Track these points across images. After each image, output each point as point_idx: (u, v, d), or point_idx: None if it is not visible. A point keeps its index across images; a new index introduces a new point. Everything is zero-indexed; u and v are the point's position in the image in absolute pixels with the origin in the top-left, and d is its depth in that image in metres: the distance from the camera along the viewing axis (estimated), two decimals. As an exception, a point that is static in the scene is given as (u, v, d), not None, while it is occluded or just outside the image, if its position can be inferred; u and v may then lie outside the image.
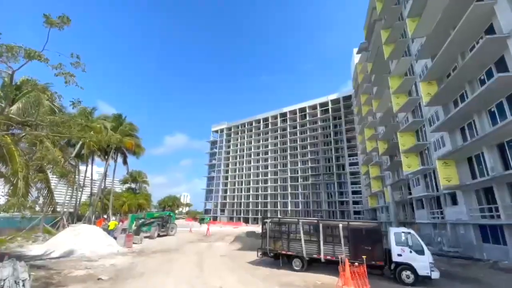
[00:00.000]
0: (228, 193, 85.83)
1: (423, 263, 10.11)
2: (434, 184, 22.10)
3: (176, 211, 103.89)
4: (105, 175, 32.29)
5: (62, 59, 7.88)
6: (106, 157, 30.68)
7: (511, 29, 12.96)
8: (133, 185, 56.86)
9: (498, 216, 14.85)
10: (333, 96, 70.88)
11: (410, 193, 27.12)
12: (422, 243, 10.53)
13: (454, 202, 19.42)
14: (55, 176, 14.80)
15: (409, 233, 10.83)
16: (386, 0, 29.39)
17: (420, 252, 10.29)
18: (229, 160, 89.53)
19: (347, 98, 67.64)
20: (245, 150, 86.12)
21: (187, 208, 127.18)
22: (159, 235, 25.74)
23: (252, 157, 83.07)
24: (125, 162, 33.18)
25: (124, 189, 59.03)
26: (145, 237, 23.26)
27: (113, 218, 36.54)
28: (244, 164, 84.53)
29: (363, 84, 44.29)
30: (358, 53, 46.36)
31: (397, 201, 31.07)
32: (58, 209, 24.28)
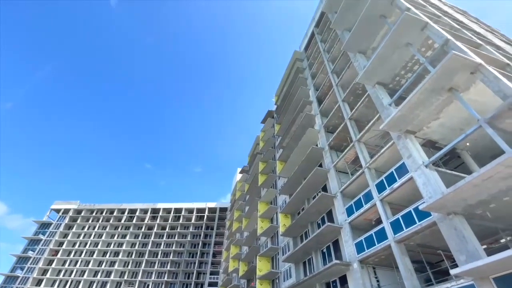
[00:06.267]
0: (27, 310, 56.59)
1: None
2: (279, 318, 22.28)
3: None
4: None
5: None
6: None
7: (336, 191, 18.35)
8: None
9: None
10: (212, 205, 72.16)
11: (259, 328, 25.85)
12: None
13: None
14: None
15: None
16: (267, 142, 37.89)
17: None
18: (57, 254, 64.77)
19: (224, 210, 70.15)
20: (88, 244, 66.15)
21: None
22: None
23: (95, 256, 63.63)
24: None
25: None
26: None
27: None
28: (78, 265, 62.64)
29: (239, 201, 48.20)
30: (240, 173, 53.03)
31: (246, 337, 28.55)
32: None
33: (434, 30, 12.15)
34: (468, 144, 12.74)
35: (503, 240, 11.61)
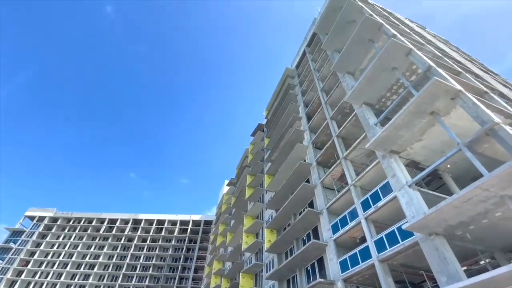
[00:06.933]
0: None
1: None
2: None
3: None
4: None
5: None
6: None
7: (322, 208, 18.33)
8: None
9: None
10: (196, 217, 70.19)
11: None
12: None
13: None
14: None
15: None
16: (256, 156, 37.85)
17: None
18: (27, 265, 60.50)
19: (208, 223, 68.34)
20: (62, 255, 62.20)
21: None
22: None
23: (68, 268, 59.76)
24: None
25: None
26: None
27: None
28: (50, 277, 58.53)
29: (224, 214, 47.25)
30: (228, 185, 52.32)
31: None
32: None
33: (418, 57, 12.83)
34: (449, 166, 13.19)
35: (482, 262, 11.82)
